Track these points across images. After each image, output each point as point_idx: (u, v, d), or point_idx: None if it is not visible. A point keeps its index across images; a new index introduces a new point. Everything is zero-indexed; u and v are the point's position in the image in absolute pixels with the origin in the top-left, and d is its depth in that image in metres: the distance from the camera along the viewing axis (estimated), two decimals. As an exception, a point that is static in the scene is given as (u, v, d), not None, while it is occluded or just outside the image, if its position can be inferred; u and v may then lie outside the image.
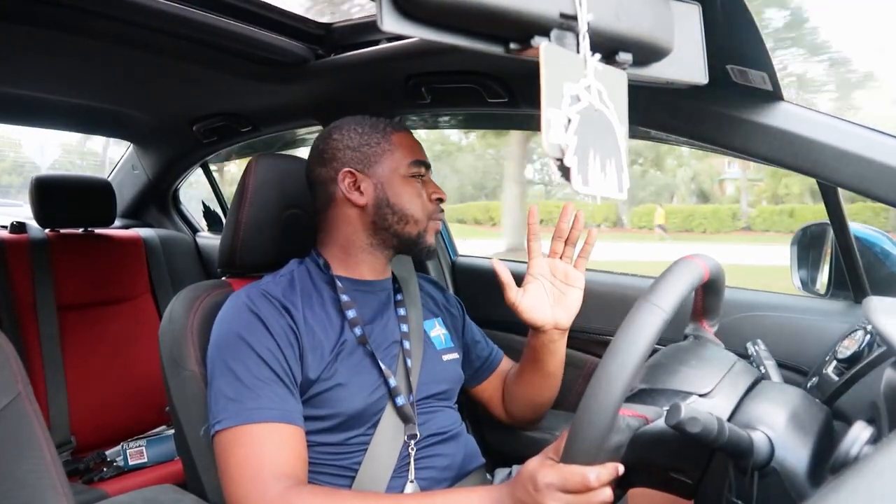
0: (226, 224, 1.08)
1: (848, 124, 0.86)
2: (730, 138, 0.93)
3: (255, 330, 0.86)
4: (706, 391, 0.70)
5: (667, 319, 0.60)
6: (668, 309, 0.60)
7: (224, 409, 0.81)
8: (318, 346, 0.89)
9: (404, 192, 0.97)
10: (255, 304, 0.89)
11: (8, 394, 0.68)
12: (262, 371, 0.83)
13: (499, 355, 1.17)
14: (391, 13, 0.48)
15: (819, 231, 1.15)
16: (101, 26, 1.07)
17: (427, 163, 1.01)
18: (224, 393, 0.82)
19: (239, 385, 0.82)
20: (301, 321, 0.89)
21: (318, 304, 0.94)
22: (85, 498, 1.39)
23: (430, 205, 1.00)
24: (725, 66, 0.85)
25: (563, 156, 0.48)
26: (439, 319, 1.09)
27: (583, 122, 0.50)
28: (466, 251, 1.67)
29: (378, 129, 1.00)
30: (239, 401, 0.81)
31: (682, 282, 0.64)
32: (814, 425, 0.66)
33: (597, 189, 0.51)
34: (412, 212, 0.98)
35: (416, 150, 1.00)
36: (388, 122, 1.02)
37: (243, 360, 0.84)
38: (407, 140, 1.01)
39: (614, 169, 0.53)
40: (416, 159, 0.99)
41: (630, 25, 0.56)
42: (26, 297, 1.64)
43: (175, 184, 2.18)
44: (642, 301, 0.61)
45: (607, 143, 0.52)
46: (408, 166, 0.98)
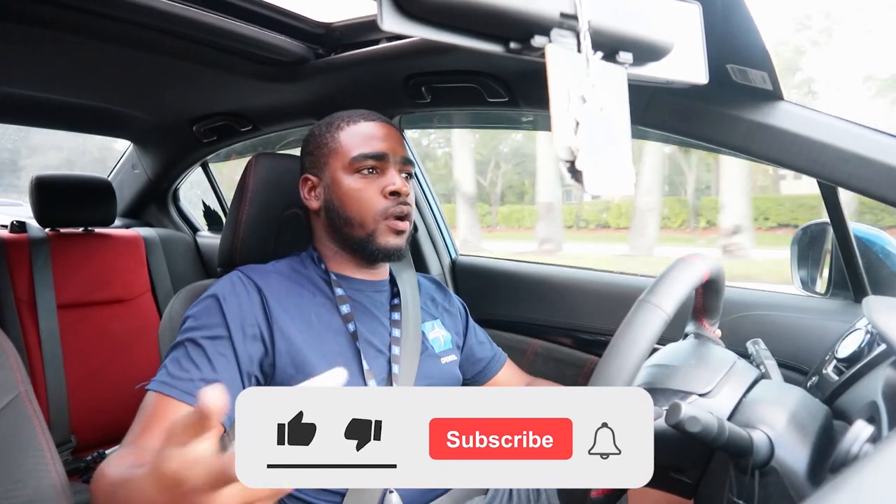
0: (226, 223, 1.08)
1: (848, 124, 0.86)
2: (730, 138, 0.93)
3: (211, 311, 0.86)
4: (706, 391, 0.70)
5: (667, 320, 0.60)
6: (669, 310, 0.60)
7: (159, 372, 0.82)
8: (302, 332, 0.88)
9: (346, 191, 0.93)
10: (226, 286, 0.89)
11: (8, 393, 0.68)
12: (199, 352, 0.82)
13: (502, 357, 1.16)
14: (391, 13, 0.48)
15: (819, 230, 1.15)
16: (101, 26, 1.07)
17: (379, 154, 0.93)
18: (165, 362, 0.83)
19: (178, 359, 0.82)
20: (275, 301, 0.88)
21: (309, 293, 0.93)
22: (85, 497, 1.38)
23: (382, 201, 0.92)
24: (725, 66, 0.85)
25: (575, 158, 0.49)
26: (439, 321, 1.07)
27: (590, 122, 0.50)
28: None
29: (331, 127, 0.97)
30: (170, 372, 0.81)
31: (682, 282, 0.64)
32: (814, 424, 0.66)
33: (608, 188, 0.51)
34: (354, 213, 0.93)
35: (365, 143, 0.93)
36: (347, 117, 0.97)
37: (190, 338, 0.84)
38: (357, 133, 0.95)
39: (621, 166, 0.53)
40: (361, 153, 0.93)
41: (630, 25, 0.56)
42: (26, 296, 1.64)
43: (175, 183, 2.18)
44: (642, 301, 0.61)
45: (613, 141, 0.53)
46: (350, 162, 0.93)
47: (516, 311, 1.43)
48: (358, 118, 0.97)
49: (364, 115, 0.98)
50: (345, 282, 0.97)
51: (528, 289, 1.44)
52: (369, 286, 1.00)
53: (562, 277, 1.41)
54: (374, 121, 0.98)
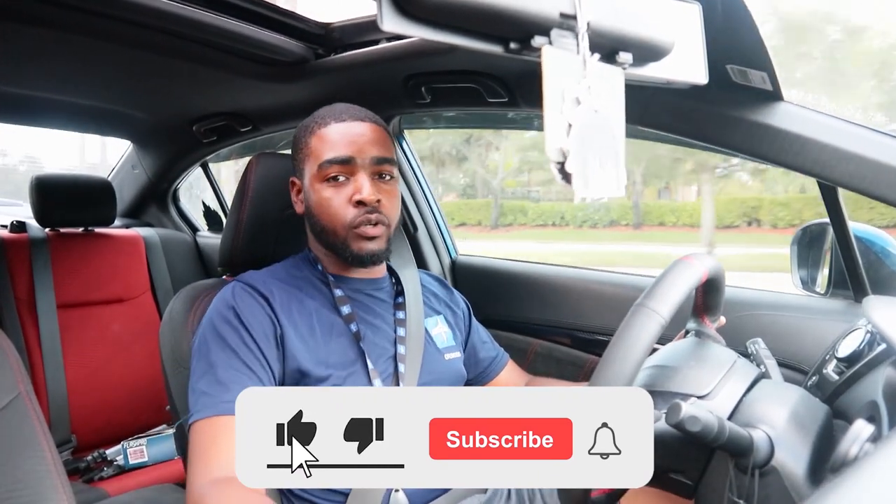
0: (226, 223, 1.08)
1: (847, 124, 0.86)
2: (729, 138, 0.93)
3: (231, 323, 0.86)
4: (705, 393, 0.69)
5: (664, 325, 0.59)
6: (666, 314, 0.60)
7: (196, 403, 0.82)
8: (305, 338, 0.89)
9: (318, 200, 0.92)
10: (235, 296, 0.89)
11: (8, 393, 0.68)
12: (235, 364, 0.83)
13: (504, 358, 1.16)
14: (391, 13, 0.48)
15: (819, 230, 1.15)
16: (101, 25, 1.07)
17: (344, 158, 0.90)
18: (199, 387, 0.83)
19: (213, 379, 0.82)
20: (280, 309, 0.89)
21: (309, 297, 0.93)
22: (85, 497, 1.39)
23: (350, 211, 0.90)
24: (725, 66, 0.85)
25: (565, 160, 0.49)
26: (441, 317, 1.07)
27: (583, 124, 0.50)
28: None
29: (306, 131, 0.95)
30: (210, 394, 0.81)
31: (680, 285, 0.63)
32: (814, 424, 0.66)
33: (597, 190, 0.51)
34: (325, 222, 0.92)
35: (330, 148, 0.91)
36: (320, 119, 0.94)
37: (218, 354, 0.84)
38: (324, 138, 0.92)
39: (612, 168, 0.53)
40: (326, 159, 0.90)
41: (630, 25, 0.56)
42: (26, 296, 1.64)
43: (175, 183, 2.18)
44: (639, 306, 0.61)
45: (606, 143, 0.53)
46: (318, 169, 0.91)
47: (516, 310, 1.43)
48: (329, 119, 0.93)
49: (336, 116, 0.93)
50: (342, 282, 0.97)
51: (528, 289, 1.44)
52: (368, 285, 0.99)
53: (562, 277, 1.42)
54: (346, 121, 0.93)
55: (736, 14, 0.74)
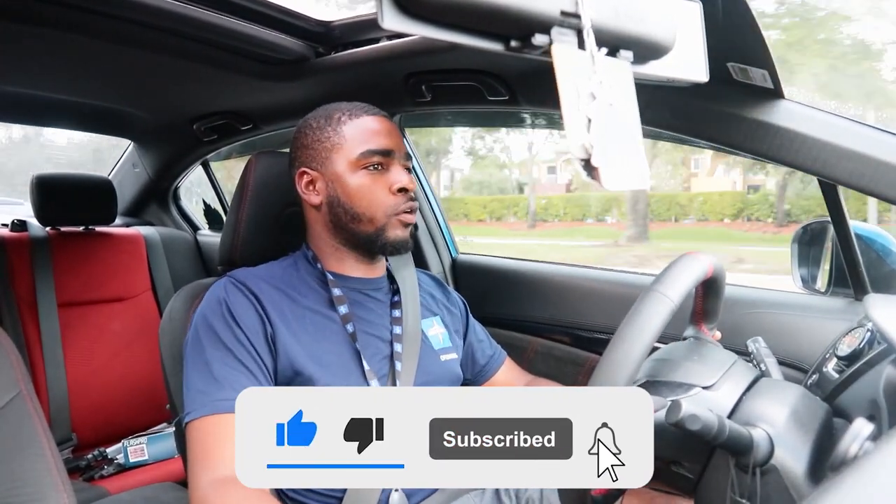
0: (226, 222, 1.08)
1: (848, 122, 0.86)
2: (730, 136, 0.93)
3: (223, 319, 0.86)
4: (710, 384, 0.70)
5: (673, 309, 0.60)
6: (676, 299, 0.60)
7: (192, 401, 0.82)
8: (298, 336, 0.88)
9: (355, 187, 0.92)
10: (227, 293, 0.89)
11: (9, 392, 0.69)
12: (230, 361, 0.83)
13: (502, 356, 1.16)
14: (391, 11, 0.48)
15: (819, 228, 1.15)
16: (102, 25, 1.07)
17: (385, 150, 0.93)
18: (194, 385, 0.83)
19: (208, 376, 0.82)
20: (271, 307, 0.88)
21: (303, 296, 0.93)
22: (86, 496, 1.39)
23: (390, 198, 0.92)
24: (726, 64, 0.85)
25: (590, 156, 0.49)
26: (438, 318, 1.07)
27: (601, 118, 0.50)
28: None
29: (332, 121, 0.95)
30: (206, 392, 0.81)
31: (689, 273, 0.64)
32: (814, 423, 0.66)
33: (624, 183, 0.51)
34: (363, 209, 0.92)
35: (370, 139, 0.93)
36: (347, 111, 0.96)
37: (212, 352, 0.84)
38: (361, 129, 0.94)
39: (635, 160, 0.53)
40: (368, 149, 0.92)
41: (630, 23, 0.56)
42: (27, 295, 1.64)
43: (176, 182, 2.18)
44: (649, 290, 0.61)
45: (625, 135, 0.53)
46: (357, 158, 0.92)
47: (517, 309, 1.43)
48: (360, 112, 0.96)
49: (365, 109, 0.97)
50: (342, 281, 0.97)
51: (528, 287, 1.44)
52: (367, 284, 0.99)
53: (562, 276, 1.42)
54: (376, 115, 0.96)
55: (736, 12, 0.74)
